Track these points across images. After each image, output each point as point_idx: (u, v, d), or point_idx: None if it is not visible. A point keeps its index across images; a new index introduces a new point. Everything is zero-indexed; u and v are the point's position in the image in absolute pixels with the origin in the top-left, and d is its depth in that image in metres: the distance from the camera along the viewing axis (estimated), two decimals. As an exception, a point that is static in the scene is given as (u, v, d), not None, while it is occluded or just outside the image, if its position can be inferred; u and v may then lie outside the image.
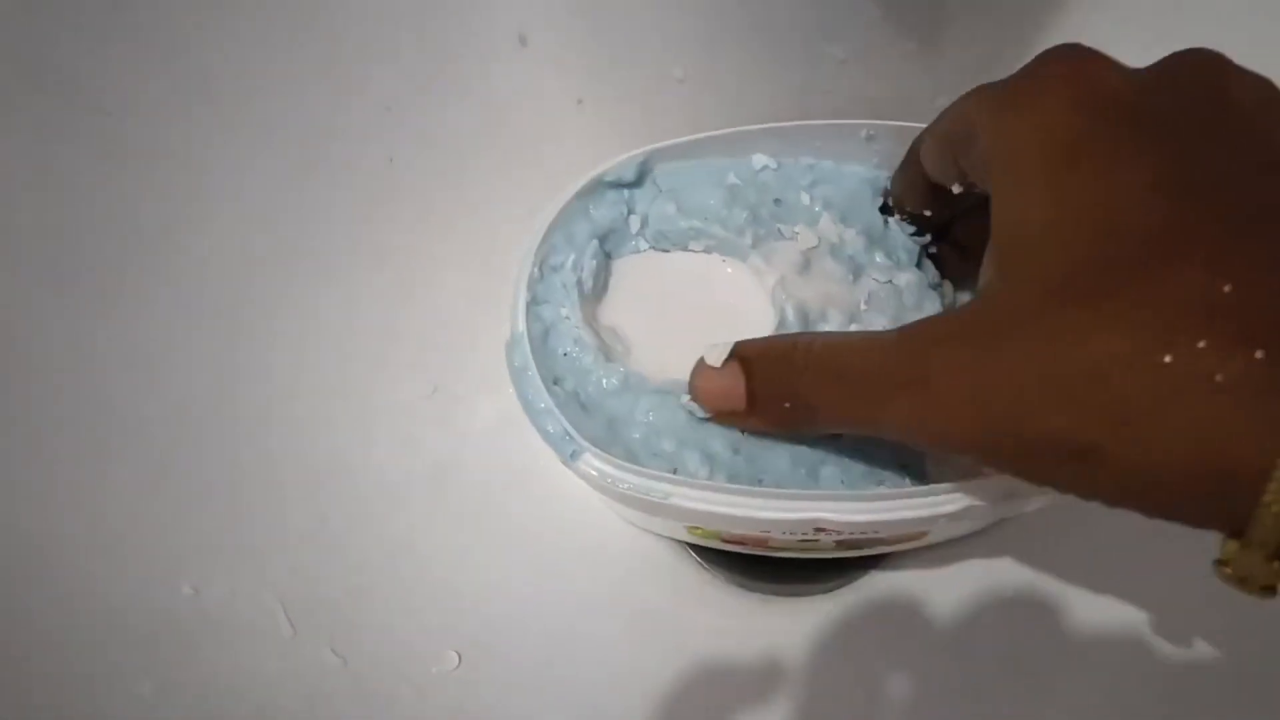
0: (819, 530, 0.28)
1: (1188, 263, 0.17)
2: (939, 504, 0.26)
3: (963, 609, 0.36)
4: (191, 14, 0.33)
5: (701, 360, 0.28)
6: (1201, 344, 0.16)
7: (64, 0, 0.31)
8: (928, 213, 0.30)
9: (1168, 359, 0.16)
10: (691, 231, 0.32)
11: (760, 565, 0.37)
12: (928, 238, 0.31)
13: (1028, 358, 0.18)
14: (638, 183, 0.32)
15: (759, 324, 0.30)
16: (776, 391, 0.26)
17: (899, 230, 0.31)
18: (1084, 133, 0.19)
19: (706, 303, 0.31)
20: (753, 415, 0.27)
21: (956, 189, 0.26)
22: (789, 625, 0.36)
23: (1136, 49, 0.35)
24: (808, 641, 0.36)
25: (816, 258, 0.31)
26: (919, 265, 0.31)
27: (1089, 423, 0.17)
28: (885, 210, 0.32)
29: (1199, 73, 0.20)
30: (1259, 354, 0.16)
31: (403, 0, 0.35)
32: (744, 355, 0.27)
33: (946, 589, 0.36)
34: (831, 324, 0.30)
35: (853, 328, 0.30)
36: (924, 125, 0.32)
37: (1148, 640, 0.32)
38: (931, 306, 0.30)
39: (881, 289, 0.30)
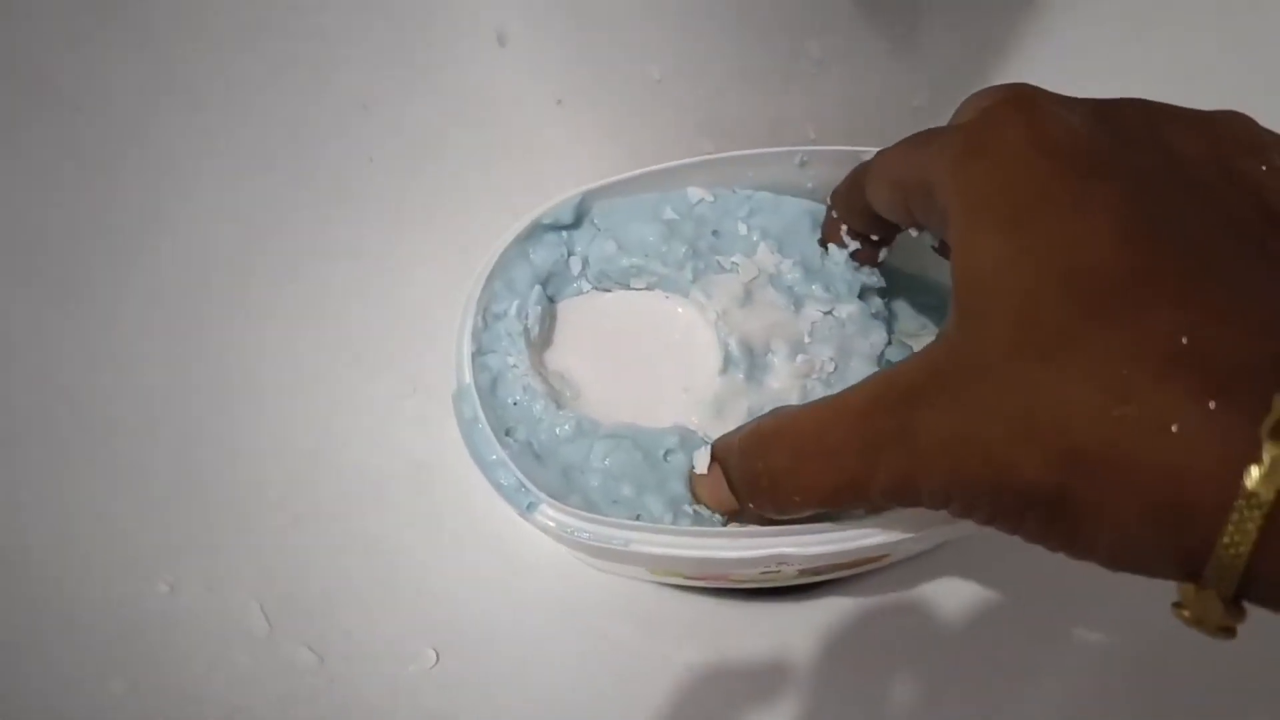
0: (780, 563, 0.28)
1: (1145, 314, 0.17)
2: (898, 529, 0.26)
3: (942, 609, 0.36)
4: (169, 11, 0.32)
5: (692, 468, 0.27)
6: (1158, 395, 0.16)
7: (47, 5, 0.30)
8: (874, 236, 0.30)
9: (1125, 410, 0.17)
10: (632, 269, 0.31)
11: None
12: (872, 272, 0.31)
13: (995, 410, 0.19)
14: (576, 224, 0.32)
15: (705, 359, 0.30)
16: (755, 483, 0.25)
17: (838, 261, 0.31)
18: (1042, 181, 0.19)
19: (653, 340, 0.31)
20: (744, 510, 0.26)
21: (914, 233, 0.27)
22: (771, 625, 0.36)
23: (1105, 49, 0.36)
24: (790, 642, 0.36)
25: (757, 288, 0.31)
26: (860, 296, 0.31)
27: (1051, 473, 0.18)
28: (824, 242, 0.32)
29: (1143, 121, 0.21)
30: (1212, 404, 0.16)
31: None
32: (718, 453, 0.27)
33: (926, 592, 0.36)
34: (778, 355, 0.30)
35: (799, 359, 0.30)
36: (859, 147, 0.32)
37: (1138, 633, 0.32)
38: (878, 336, 0.30)
39: (823, 320, 0.30)
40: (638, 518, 0.27)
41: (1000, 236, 0.19)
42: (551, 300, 0.32)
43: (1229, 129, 0.21)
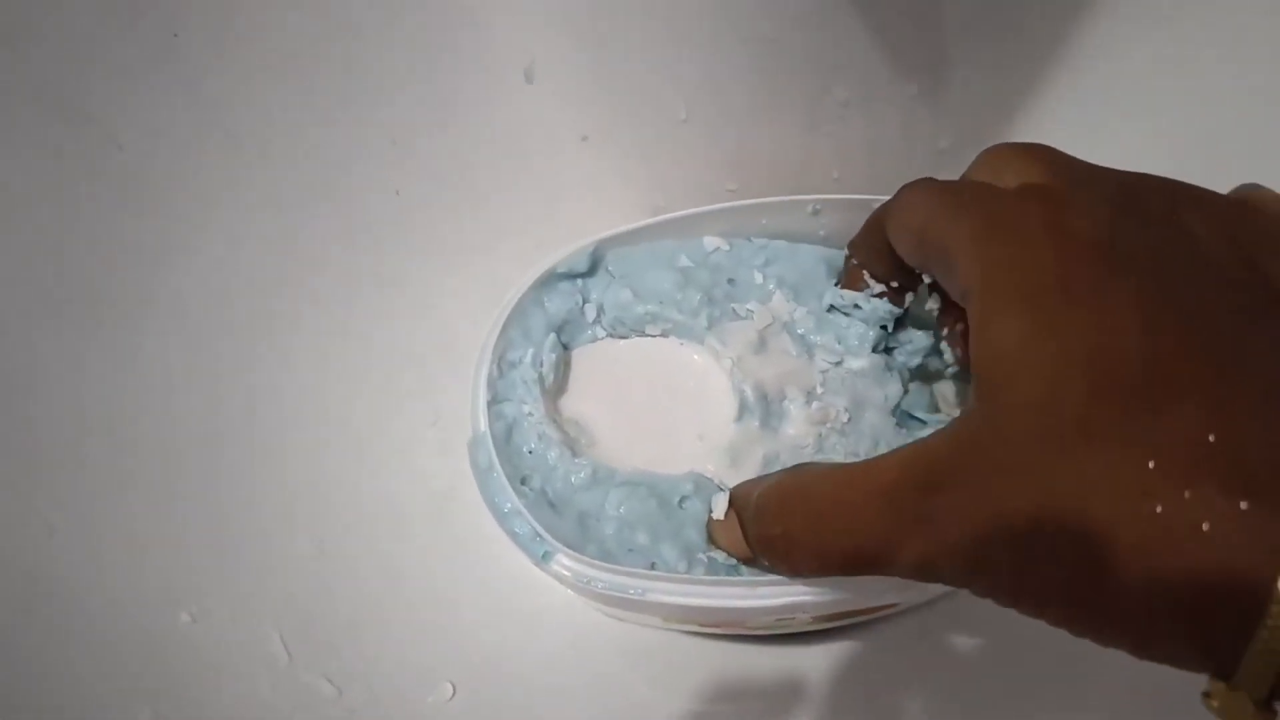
0: (795, 612, 0.28)
1: (1173, 409, 0.17)
2: (914, 581, 0.26)
3: (956, 652, 0.36)
4: (205, 47, 0.32)
5: (710, 513, 0.27)
6: (1188, 494, 0.16)
7: (85, 36, 0.31)
8: (894, 283, 0.30)
9: (1157, 509, 0.16)
10: (647, 316, 0.31)
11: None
12: (888, 320, 0.31)
13: (1017, 500, 0.18)
14: (590, 271, 0.32)
15: (720, 405, 0.30)
16: (771, 544, 0.25)
17: (849, 313, 0.31)
18: (1065, 266, 0.19)
19: (667, 387, 0.31)
20: (755, 560, 0.26)
21: (927, 280, 0.27)
22: (785, 671, 0.36)
23: (1131, 96, 0.36)
24: (803, 687, 0.35)
25: (772, 335, 0.31)
26: (875, 348, 0.31)
27: (1080, 570, 0.17)
28: (846, 286, 0.32)
29: (1166, 204, 0.21)
30: (1244, 504, 0.16)
31: (412, 36, 0.35)
32: (736, 502, 0.26)
33: (940, 636, 0.36)
34: (794, 403, 0.30)
35: (814, 407, 0.30)
36: (871, 196, 0.32)
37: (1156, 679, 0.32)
38: (893, 389, 0.30)
39: (834, 371, 0.30)
40: (653, 566, 0.27)
41: (1022, 319, 0.19)
42: (566, 348, 0.32)
43: (1251, 216, 0.21)
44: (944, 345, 0.29)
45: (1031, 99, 0.38)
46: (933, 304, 0.30)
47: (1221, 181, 0.37)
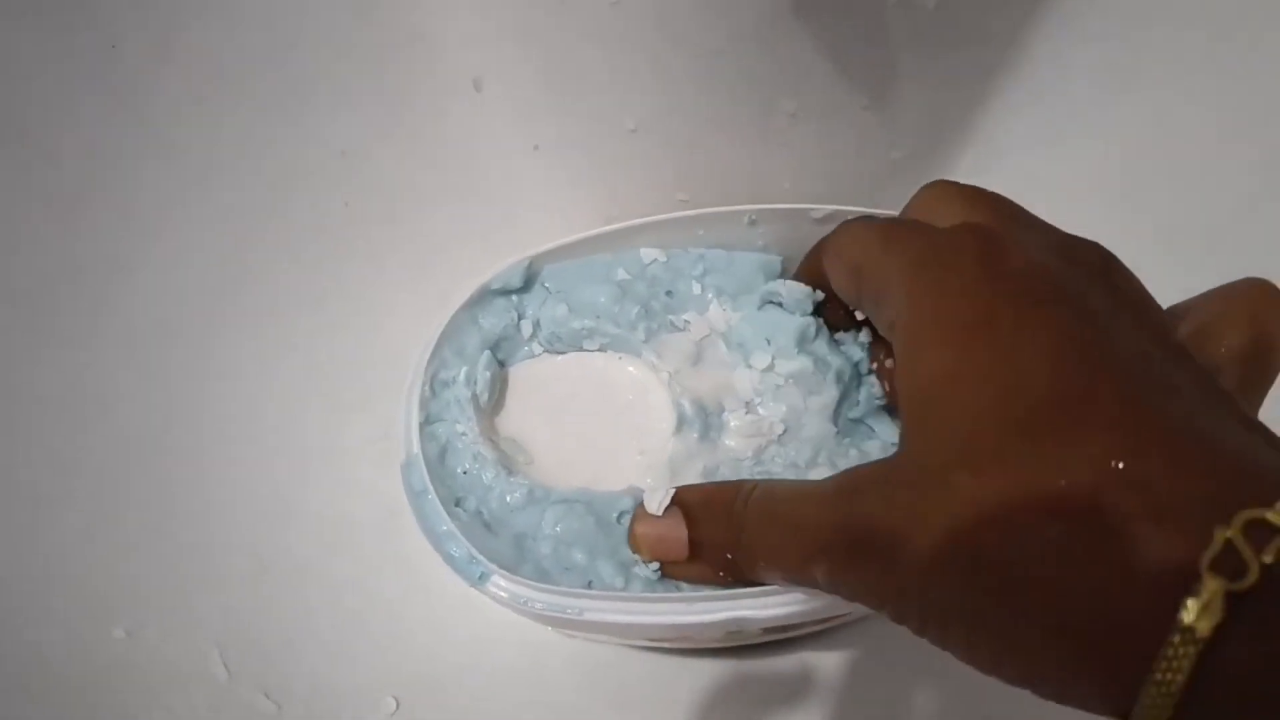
0: (740, 625, 0.27)
1: (1079, 436, 0.17)
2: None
3: (917, 652, 0.35)
4: (143, 56, 0.32)
5: (640, 506, 0.27)
6: (1092, 520, 0.16)
7: (18, 47, 0.30)
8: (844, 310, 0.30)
9: (1057, 531, 0.16)
10: (584, 331, 0.31)
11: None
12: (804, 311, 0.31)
13: (924, 521, 0.18)
14: (526, 287, 0.32)
15: (659, 420, 0.30)
16: (720, 540, 0.25)
17: (785, 316, 0.31)
18: (989, 302, 0.19)
19: (606, 403, 0.31)
20: (695, 564, 0.26)
21: (859, 316, 0.27)
22: (739, 682, 0.36)
23: (1084, 103, 0.37)
24: (761, 697, 0.35)
25: (709, 346, 0.31)
26: (805, 342, 0.31)
27: (983, 596, 0.17)
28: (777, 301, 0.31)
29: (1100, 262, 0.21)
30: (1148, 530, 0.15)
31: (359, 46, 0.34)
32: (685, 502, 0.26)
33: (898, 638, 0.36)
34: (732, 414, 0.30)
35: (748, 419, 0.30)
36: (807, 205, 0.32)
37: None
38: (829, 393, 0.30)
39: (767, 377, 0.30)
40: (589, 584, 0.27)
41: (945, 351, 0.20)
42: (503, 365, 0.31)
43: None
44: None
45: (982, 110, 0.38)
46: (864, 337, 0.31)
47: (1176, 190, 0.38)
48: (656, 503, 0.26)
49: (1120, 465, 0.16)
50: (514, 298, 0.32)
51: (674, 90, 0.34)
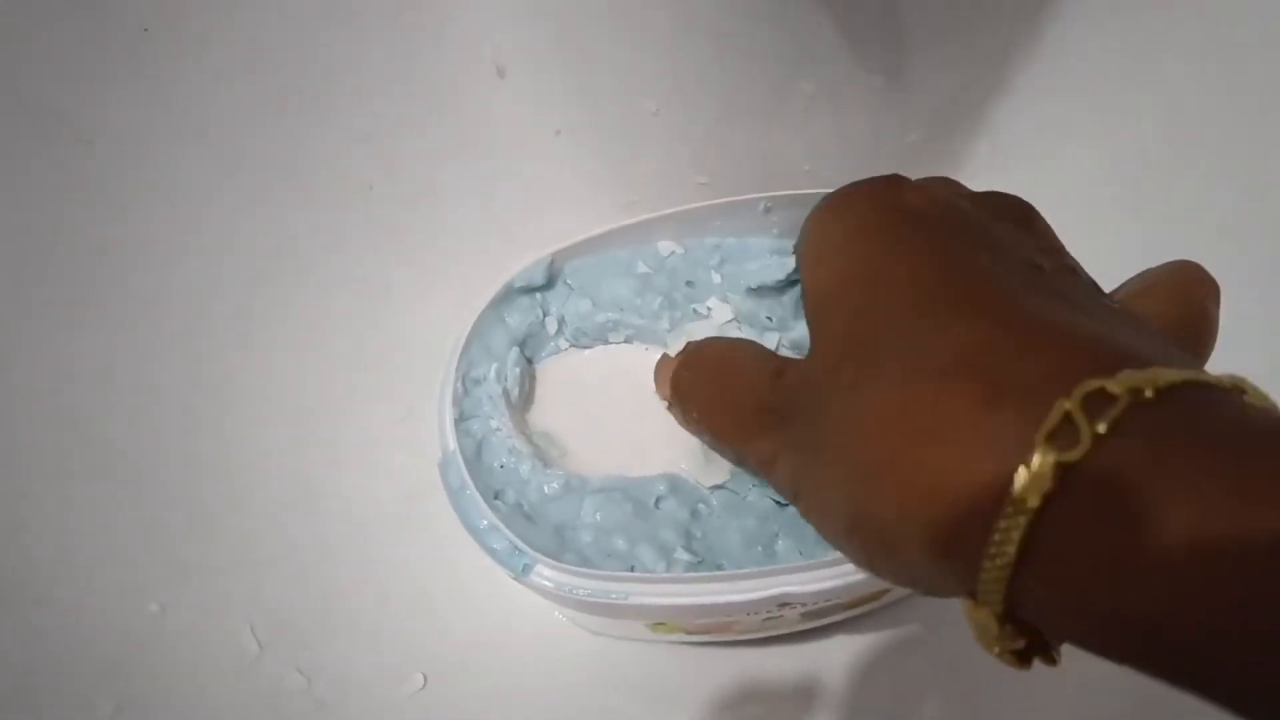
0: (783, 606, 0.27)
1: (948, 325, 0.18)
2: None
3: (949, 639, 0.36)
4: (171, 44, 0.32)
5: (665, 352, 0.30)
6: (941, 402, 0.16)
7: (52, 31, 0.30)
8: None
9: (911, 418, 0.17)
10: (609, 324, 0.31)
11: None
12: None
13: (823, 417, 0.20)
14: (549, 284, 0.32)
15: (690, 406, 0.30)
16: (683, 391, 0.27)
17: (775, 291, 0.32)
18: (877, 224, 0.21)
19: (634, 392, 0.31)
20: (673, 408, 0.28)
21: None
22: (775, 674, 0.36)
23: (1098, 82, 0.37)
24: (797, 690, 0.35)
25: (732, 331, 0.31)
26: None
27: (855, 479, 0.18)
28: (793, 282, 0.32)
29: (1011, 206, 0.23)
30: (992, 410, 0.16)
31: (383, 32, 0.35)
32: (686, 350, 0.28)
33: (930, 623, 0.36)
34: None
35: None
36: (820, 190, 0.33)
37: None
38: None
39: (784, 350, 0.31)
40: (631, 569, 0.27)
41: (834, 262, 0.22)
42: (530, 361, 0.32)
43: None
44: None
45: (998, 91, 0.38)
46: None
47: (1187, 170, 0.38)
48: (676, 346, 0.29)
49: (973, 351, 0.17)
50: (538, 295, 0.32)
51: (693, 72, 0.35)
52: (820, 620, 0.34)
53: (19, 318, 0.31)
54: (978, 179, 0.24)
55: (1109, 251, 0.24)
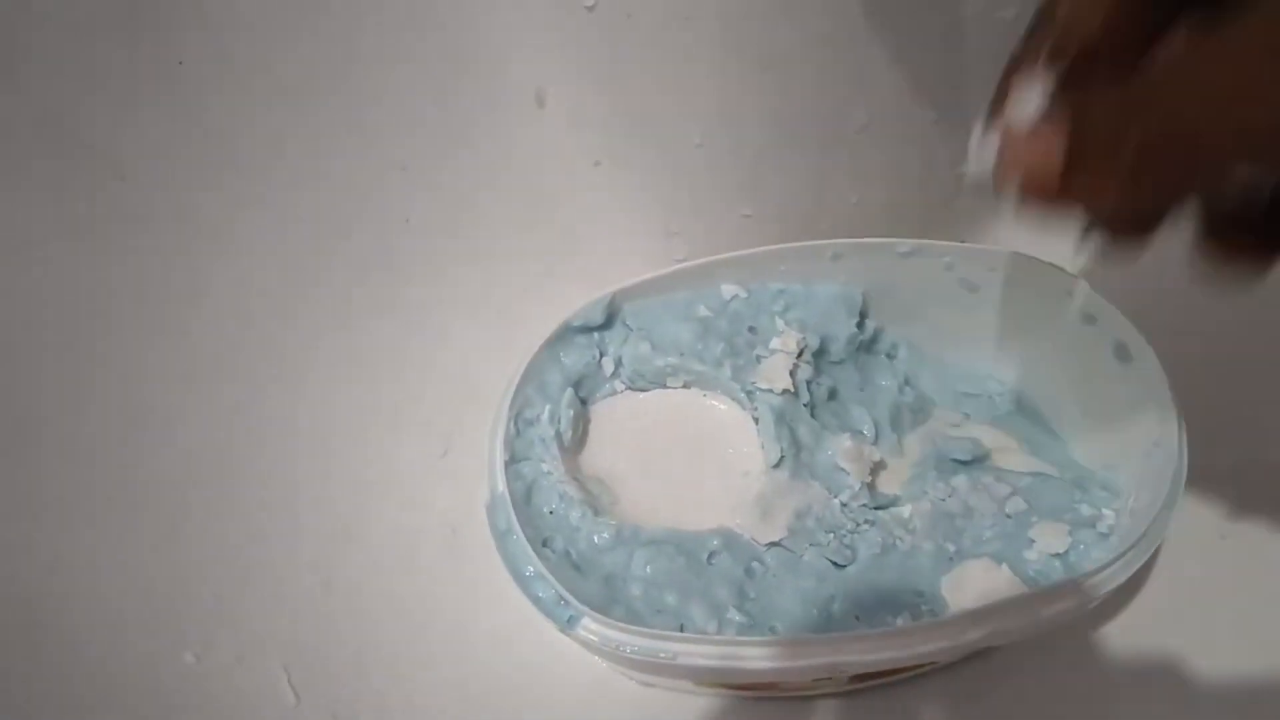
0: (833, 672, 0.26)
1: None
2: (959, 633, 0.24)
3: (983, 708, 0.34)
4: (211, 75, 0.32)
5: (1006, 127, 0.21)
6: None
7: (86, 63, 0.30)
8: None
9: None
10: (669, 369, 0.31)
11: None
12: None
13: None
14: (607, 324, 0.31)
15: (747, 457, 0.30)
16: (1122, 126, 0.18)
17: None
18: None
19: (691, 440, 0.30)
20: (1073, 184, 0.19)
21: None
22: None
23: None
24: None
25: (798, 377, 0.30)
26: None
27: None
28: (861, 325, 0.31)
29: None
30: None
31: (422, 62, 0.34)
32: (1070, 106, 0.20)
33: (967, 692, 0.35)
34: (829, 435, 0.29)
35: (847, 442, 0.29)
36: (893, 239, 0.32)
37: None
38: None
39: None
40: (681, 628, 0.26)
41: None
42: (584, 403, 0.31)
43: None
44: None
45: None
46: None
47: None
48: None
49: None
50: (595, 335, 0.31)
51: (740, 104, 0.34)
52: (869, 683, 0.32)
53: (52, 353, 0.31)
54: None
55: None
